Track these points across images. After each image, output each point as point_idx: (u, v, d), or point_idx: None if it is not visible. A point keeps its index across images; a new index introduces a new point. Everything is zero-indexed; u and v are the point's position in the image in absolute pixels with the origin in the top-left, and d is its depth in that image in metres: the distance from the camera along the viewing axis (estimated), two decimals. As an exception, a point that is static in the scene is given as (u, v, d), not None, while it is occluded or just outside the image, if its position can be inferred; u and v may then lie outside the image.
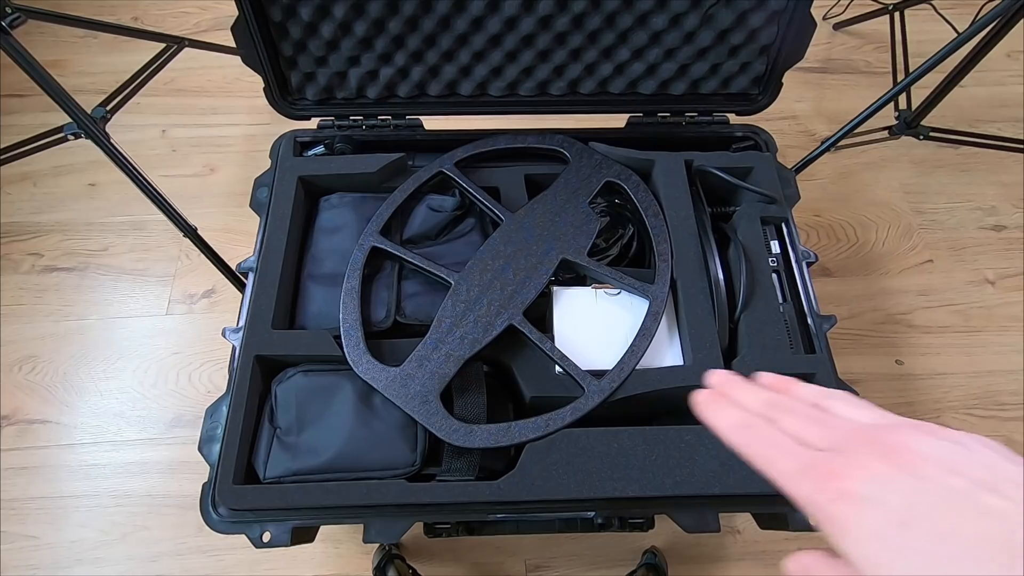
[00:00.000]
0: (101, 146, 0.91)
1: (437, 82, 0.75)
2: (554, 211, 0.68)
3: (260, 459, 0.58)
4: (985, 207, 1.24)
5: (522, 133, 0.76)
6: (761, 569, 0.94)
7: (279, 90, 0.74)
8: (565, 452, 0.57)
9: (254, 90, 0.76)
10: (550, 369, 0.62)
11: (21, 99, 1.31)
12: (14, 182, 1.23)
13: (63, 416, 1.02)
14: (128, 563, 0.93)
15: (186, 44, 1.11)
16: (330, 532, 0.94)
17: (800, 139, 1.32)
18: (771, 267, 0.68)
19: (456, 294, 0.63)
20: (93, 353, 1.08)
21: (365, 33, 0.69)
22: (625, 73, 0.75)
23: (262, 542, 0.56)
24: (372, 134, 0.79)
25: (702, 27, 0.70)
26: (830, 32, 1.48)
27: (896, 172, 1.28)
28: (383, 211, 0.69)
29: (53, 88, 0.85)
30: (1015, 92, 1.39)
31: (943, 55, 0.92)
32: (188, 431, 1.01)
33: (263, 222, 0.70)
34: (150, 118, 1.31)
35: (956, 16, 1.18)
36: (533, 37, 0.71)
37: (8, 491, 0.97)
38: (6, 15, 0.82)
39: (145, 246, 1.18)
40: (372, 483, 0.56)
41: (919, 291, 1.15)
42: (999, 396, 1.05)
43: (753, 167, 0.73)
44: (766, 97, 0.77)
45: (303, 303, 0.67)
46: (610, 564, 0.93)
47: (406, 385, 0.59)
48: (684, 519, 0.58)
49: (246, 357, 0.61)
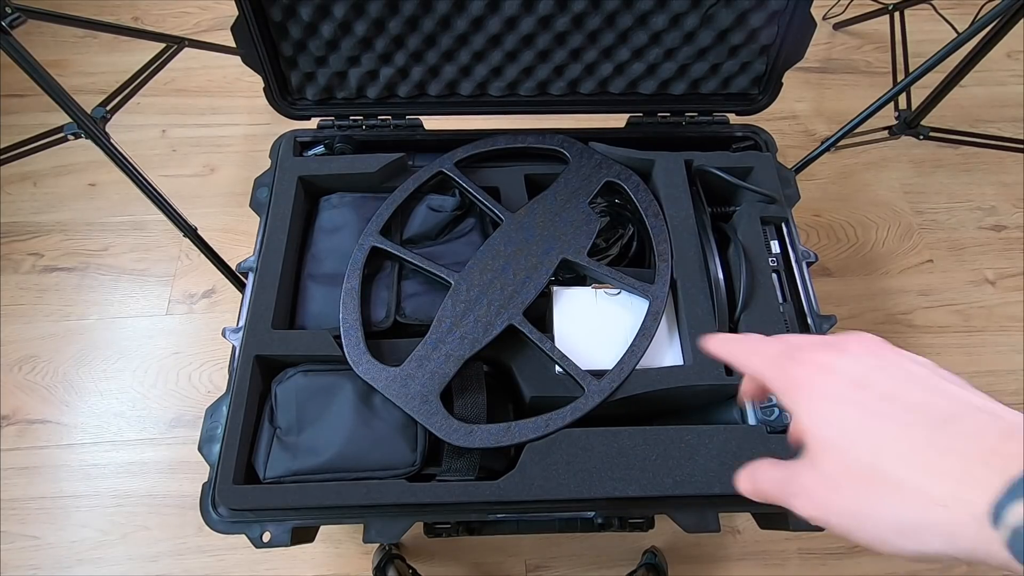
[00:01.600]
0: (101, 146, 0.91)
1: (437, 82, 0.75)
2: (554, 211, 0.68)
3: (260, 459, 0.58)
4: (985, 207, 1.24)
5: (522, 133, 0.76)
6: (761, 569, 0.94)
7: (279, 90, 0.74)
8: (565, 452, 0.57)
9: (254, 90, 0.76)
10: (550, 369, 0.62)
11: (21, 99, 1.31)
12: (14, 182, 1.23)
13: (63, 416, 1.03)
14: (128, 563, 0.93)
15: (186, 44, 1.11)
16: (330, 532, 0.94)
17: (800, 139, 1.32)
18: (771, 267, 0.68)
19: (456, 294, 0.63)
20: (93, 353, 1.08)
21: (365, 33, 0.69)
22: (625, 73, 0.75)
23: (262, 542, 0.56)
24: (372, 134, 0.78)
25: (702, 27, 0.70)
26: (830, 32, 1.48)
27: (896, 172, 1.28)
28: (383, 211, 0.69)
29: (53, 88, 0.85)
30: (1015, 92, 1.39)
31: (943, 55, 0.92)
32: (188, 431, 1.01)
33: (263, 222, 0.70)
34: (150, 118, 1.31)
35: (956, 16, 1.18)
36: (533, 37, 0.71)
37: (8, 491, 0.97)
38: (6, 15, 0.82)
39: (145, 246, 1.18)
40: (372, 483, 0.56)
41: (919, 291, 1.15)
42: (999, 396, 1.03)
43: (753, 167, 0.73)
44: (766, 97, 0.77)
45: (303, 303, 0.67)
46: (610, 564, 0.93)
47: (406, 385, 0.59)
48: (684, 519, 0.58)
49: (246, 357, 0.61)
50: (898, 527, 0.23)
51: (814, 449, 0.27)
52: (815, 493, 0.26)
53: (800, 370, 0.28)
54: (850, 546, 0.95)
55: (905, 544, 0.23)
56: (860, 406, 0.25)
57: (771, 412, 0.60)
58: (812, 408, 0.27)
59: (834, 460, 0.25)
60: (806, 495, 0.27)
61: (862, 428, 0.25)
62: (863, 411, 0.25)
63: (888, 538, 0.24)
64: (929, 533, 0.22)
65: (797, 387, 0.28)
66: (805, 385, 0.27)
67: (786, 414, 0.59)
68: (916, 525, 0.23)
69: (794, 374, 0.28)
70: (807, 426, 0.27)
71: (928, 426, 0.23)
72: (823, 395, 0.27)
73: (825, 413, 0.26)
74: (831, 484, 0.25)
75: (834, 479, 0.25)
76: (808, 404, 0.27)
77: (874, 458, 0.24)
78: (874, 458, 0.24)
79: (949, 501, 0.22)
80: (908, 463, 0.23)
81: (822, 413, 0.26)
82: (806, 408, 0.27)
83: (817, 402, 0.27)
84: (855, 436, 0.25)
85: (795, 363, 0.28)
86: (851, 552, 0.95)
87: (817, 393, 0.27)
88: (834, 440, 0.25)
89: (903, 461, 0.23)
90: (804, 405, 0.27)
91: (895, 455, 0.23)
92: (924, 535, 0.23)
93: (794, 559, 0.94)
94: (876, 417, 0.25)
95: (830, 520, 0.26)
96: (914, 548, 0.23)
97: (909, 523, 0.23)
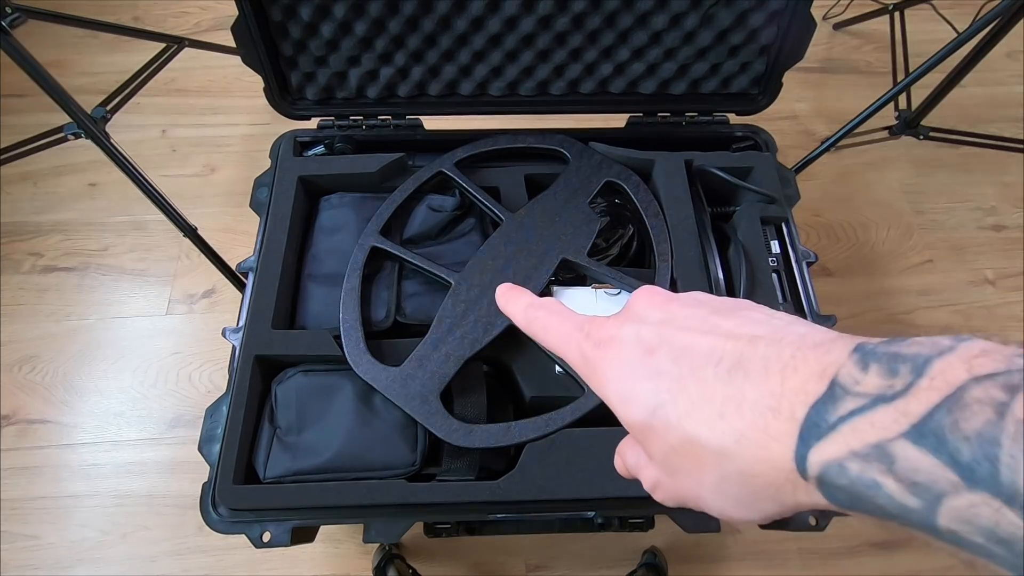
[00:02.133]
0: (101, 146, 0.91)
1: (437, 82, 0.75)
2: (554, 211, 0.68)
3: (260, 459, 0.58)
4: (985, 207, 1.24)
5: (522, 133, 0.76)
6: (761, 569, 0.94)
7: (279, 90, 0.74)
8: (565, 452, 0.57)
9: (254, 90, 0.76)
10: (550, 369, 0.62)
11: (21, 99, 1.31)
12: (14, 182, 1.23)
13: (63, 416, 1.03)
14: (128, 563, 0.93)
15: (186, 44, 1.11)
16: (330, 532, 0.94)
17: (800, 139, 1.32)
18: (771, 267, 0.68)
19: (456, 294, 0.63)
20: (93, 353, 1.08)
21: (365, 33, 0.69)
22: (625, 73, 0.75)
23: (262, 542, 0.56)
24: (372, 134, 0.78)
25: (702, 27, 0.70)
26: (830, 32, 1.48)
27: (896, 172, 1.28)
28: (383, 211, 0.69)
29: (53, 88, 0.85)
30: (1015, 92, 1.39)
31: (943, 55, 0.92)
32: (188, 431, 1.01)
33: (263, 222, 0.70)
34: (150, 118, 1.31)
35: (956, 16, 1.18)
36: (533, 37, 0.71)
37: (8, 491, 0.97)
38: (6, 15, 0.82)
39: (145, 246, 1.18)
40: (372, 483, 0.56)
41: (919, 291, 1.15)
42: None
43: (753, 167, 0.73)
44: (766, 97, 0.77)
45: (303, 303, 0.67)
46: (610, 564, 0.93)
47: (406, 385, 0.59)
48: (684, 519, 0.58)
49: (246, 357, 0.61)
50: (735, 499, 0.22)
51: (638, 438, 0.25)
52: (663, 484, 0.25)
53: (595, 351, 0.25)
54: (851, 546, 0.95)
55: (747, 514, 0.22)
56: (656, 375, 0.23)
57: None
58: (617, 392, 0.24)
59: (656, 444, 0.23)
60: (660, 487, 0.25)
61: (666, 401, 0.23)
62: (660, 380, 0.23)
63: (732, 512, 0.22)
64: (759, 499, 0.21)
65: (595, 371, 0.25)
66: (600, 367, 0.25)
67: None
68: (746, 493, 0.21)
69: (590, 356, 0.25)
70: (621, 415, 0.24)
71: (721, 379, 0.22)
72: (620, 376, 0.24)
73: (628, 395, 0.24)
74: (667, 468, 0.24)
75: (666, 463, 0.24)
76: (613, 388, 0.24)
77: (687, 430, 0.22)
78: (687, 430, 0.22)
79: (758, 463, 0.20)
80: (715, 428, 0.21)
81: (626, 395, 0.24)
82: (613, 394, 0.24)
83: (617, 384, 0.24)
84: (663, 412, 0.23)
85: (590, 343, 0.26)
86: (851, 552, 0.95)
87: (614, 375, 0.24)
88: (648, 422, 0.23)
89: (710, 427, 0.21)
90: (610, 390, 0.25)
91: (702, 422, 0.22)
92: (757, 502, 0.21)
93: (794, 559, 0.94)
94: (675, 382, 0.23)
95: (686, 504, 0.24)
96: (755, 516, 0.22)
97: (740, 493, 0.21)
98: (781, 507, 0.21)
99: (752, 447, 0.20)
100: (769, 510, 0.22)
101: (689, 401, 0.22)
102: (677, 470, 0.23)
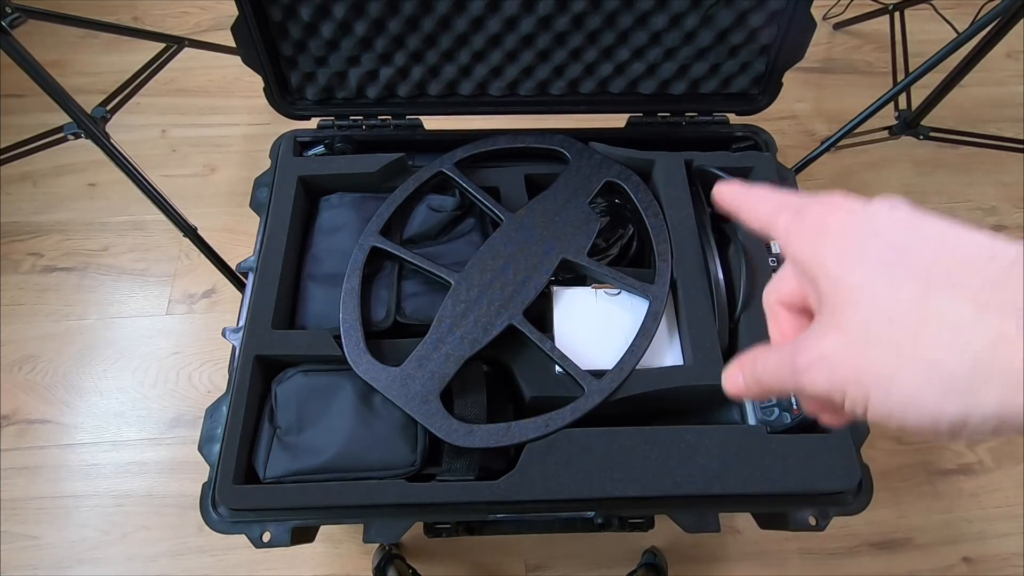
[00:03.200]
0: (101, 146, 0.91)
1: (437, 82, 0.75)
2: (554, 211, 0.68)
3: (260, 459, 0.58)
4: (985, 207, 1.24)
5: (522, 133, 0.76)
6: (761, 569, 0.94)
7: (279, 90, 0.74)
8: (565, 452, 0.57)
9: (254, 90, 0.76)
10: (550, 369, 0.62)
11: (21, 99, 1.31)
12: (14, 182, 1.23)
13: (63, 416, 1.03)
14: (128, 563, 0.93)
15: (186, 44, 1.11)
16: (330, 532, 0.94)
17: (800, 139, 1.32)
18: (771, 267, 0.68)
19: (456, 294, 0.63)
20: (93, 353, 1.08)
21: (365, 33, 0.69)
22: (625, 73, 0.75)
23: (262, 542, 0.56)
24: (372, 134, 0.78)
25: (702, 27, 0.70)
26: (830, 32, 1.48)
27: (896, 172, 1.28)
28: (383, 211, 0.69)
29: (53, 88, 0.85)
30: (1015, 92, 1.39)
31: (943, 55, 0.92)
32: (188, 431, 1.01)
33: (263, 222, 0.70)
34: (150, 118, 1.31)
35: (956, 16, 1.18)
36: (533, 37, 0.71)
37: (8, 491, 0.97)
38: (6, 15, 0.82)
39: (145, 246, 1.18)
40: (372, 483, 0.56)
41: (919, 291, 1.15)
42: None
43: (753, 167, 0.73)
44: (766, 97, 0.77)
45: (303, 303, 0.67)
46: (610, 564, 0.93)
47: (406, 385, 0.59)
48: (684, 519, 0.58)
49: (246, 357, 0.61)
50: (947, 379, 0.19)
51: (841, 300, 0.23)
52: (837, 357, 0.22)
53: (827, 212, 0.24)
54: (851, 546, 0.95)
55: (947, 406, 0.19)
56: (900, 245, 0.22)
57: (771, 412, 0.60)
58: (842, 249, 0.23)
59: (870, 307, 0.21)
60: (824, 363, 0.23)
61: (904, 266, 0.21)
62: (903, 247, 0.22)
63: (927, 400, 0.20)
64: (988, 382, 0.19)
65: (823, 228, 0.24)
66: (834, 225, 0.24)
67: (790, 399, 0.59)
68: (972, 372, 0.19)
69: (818, 212, 0.24)
70: (837, 274, 0.23)
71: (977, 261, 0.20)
72: (856, 235, 0.23)
73: (858, 252, 0.22)
74: (861, 340, 0.22)
75: (867, 333, 0.21)
76: (836, 244, 0.23)
77: (924, 297, 0.20)
78: (924, 297, 0.20)
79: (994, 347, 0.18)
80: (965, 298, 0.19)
81: (854, 253, 0.22)
82: (834, 250, 0.23)
83: (848, 242, 0.23)
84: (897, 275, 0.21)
85: (819, 204, 0.25)
86: (851, 552, 0.95)
87: (850, 233, 0.23)
88: (873, 282, 0.21)
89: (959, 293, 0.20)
90: (831, 246, 0.23)
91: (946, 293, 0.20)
92: (980, 385, 0.19)
93: (794, 559, 0.94)
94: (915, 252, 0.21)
95: (852, 390, 0.22)
96: (959, 410, 0.19)
97: (964, 370, 0.19)
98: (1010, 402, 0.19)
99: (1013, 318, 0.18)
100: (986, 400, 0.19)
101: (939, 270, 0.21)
102: (876, 342, 0.21)
